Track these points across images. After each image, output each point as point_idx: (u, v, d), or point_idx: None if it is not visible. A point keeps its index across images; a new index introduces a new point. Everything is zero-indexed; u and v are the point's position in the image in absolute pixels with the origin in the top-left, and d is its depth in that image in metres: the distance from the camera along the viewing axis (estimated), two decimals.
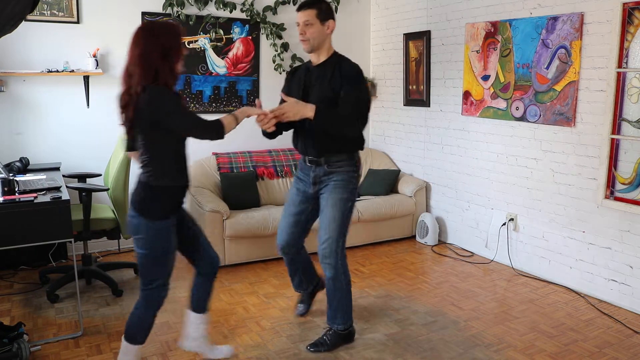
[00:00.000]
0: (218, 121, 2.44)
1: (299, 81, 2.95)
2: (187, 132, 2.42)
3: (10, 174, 3.14)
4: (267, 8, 4.95)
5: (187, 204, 4.52)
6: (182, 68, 2.43)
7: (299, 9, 2.85)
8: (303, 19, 2.81)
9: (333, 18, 2.87)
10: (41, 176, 3.58)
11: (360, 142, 2.96)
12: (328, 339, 2.98)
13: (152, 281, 2.51)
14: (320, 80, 2.86)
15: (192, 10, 4.68)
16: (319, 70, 2.89)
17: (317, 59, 2.90)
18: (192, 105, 4.78)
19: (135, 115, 2.30)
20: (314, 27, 2.79)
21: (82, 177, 3.97)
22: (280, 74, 5.12)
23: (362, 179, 5.21)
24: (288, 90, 2.99)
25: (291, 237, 3.10)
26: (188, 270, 4.16)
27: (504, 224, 4.30)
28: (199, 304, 2.75)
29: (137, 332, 2.55)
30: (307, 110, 2.71)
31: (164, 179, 2.40)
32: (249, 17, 4.90)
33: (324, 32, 2.82)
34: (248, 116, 2.63)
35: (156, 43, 2.29)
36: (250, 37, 4.97)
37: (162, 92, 2.29)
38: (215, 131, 2.43)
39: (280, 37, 5.07)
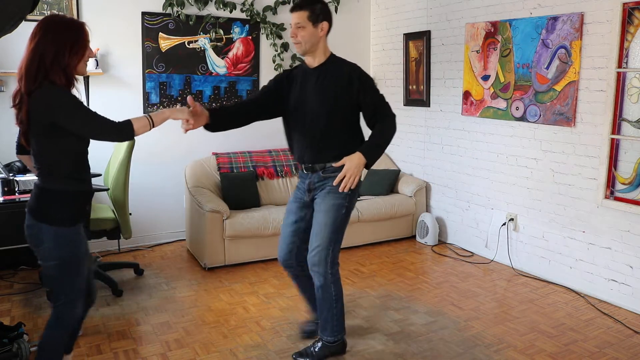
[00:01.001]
0: (128, 122, 2.23)
1: (297, 84, 2.82)
2: (89, 133, 2.20)
3: (10, 174, 3.14)
4: (267, 8, 4.96)
5: (187, 204, 4.53)
6: (85, 69, 2.27)
7: (291, 10, 2.75)
8: (294, 20, 2.70)
9: (328, 19, 2.73)
10: None
11: (358, 145, 2.76)
12: (315, 350, 2.83)
13: (62, 295, 2.26)
14: (323, 83, 2.73)
15: (192, 10, 4.68)
16: (317, 73, 2.76)
17: (312, 61, 2.77)
18: None
19: (29, 117, 2.12)
20: (306, 29, 2.68)
21: None
22: None
23: (362, 178, 5.21)
24: (280, 90, 2.86)
25: (292, 248, 2.89)
26: (188, 270, 4.18)
27: (504, 224, 4.30)
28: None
29: (51, 356, 2.29)
30: (361, 161, 2.66)
31: (62, 183, 2.20)
32: (249, 17, 4.90)
33: (317, 35, 2.70)
34: (170, 118, 2.41)
35: (54, 39, 2.10)
36: (250, 37, 4.97)
37: (57, 93, 2.11)
38: (122, 133, 2.22)
39: (280, 37, 5.07)
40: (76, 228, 2.25)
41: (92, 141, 2.29)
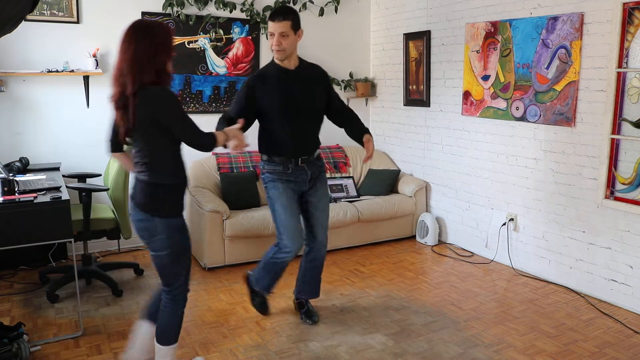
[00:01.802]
0: (212, 135, 2.47)
1: (277, 85, 3.01)
2: (183, 137, 2.39)
3: (10, 174, 3.13)
4: (267, 8, 4.95)
5: (187, 204, 4.53)
6: (172, 68, 2.45)
7: (273, 19, 2.93)
8: (279, 30, 2.91)
9: (301, 27, 3.02)
10: (41, 176, 3.58)
11: None
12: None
13: (176, 280, 2.49)
14: (307, 83, 3.07)
15: (192, 10, 4.68)
16: (299, 74, 3.06)
17: (289, 64, 3.04)
18: (192, 105, 4.78)
19: (135, 116, 2.27)
20: (289, 37, 2.93)
21: (82, 177, 3.97)
22: None
23: (362, 178, 5.23)
24: (254, 95, 3.01)
25: (302, 234, 3.19)
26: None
27: (504, 224, 4.30)
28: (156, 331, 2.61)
29: (170, 333, 2.54)
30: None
31: (169, 177, 2.39)
32: (248, 17, 4.90)
33: (296, 41, 3.00)
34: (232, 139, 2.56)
35: (150, 42, 2.26)
36: (250, 37, 4.97)
37: (164, 93, 2.30)
38: (207, 144, 2.48)
39: None
40: (182, 218, 2.47)
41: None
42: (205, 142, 2.46)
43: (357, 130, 3.23)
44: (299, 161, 3.08)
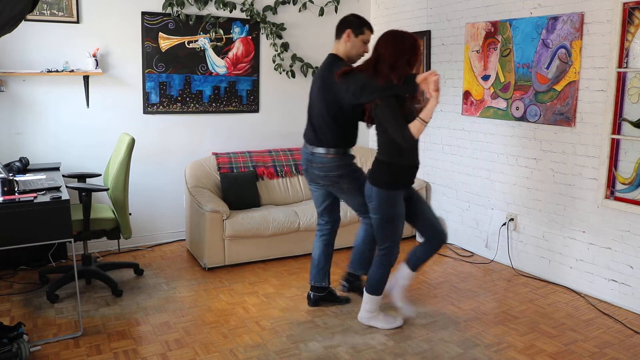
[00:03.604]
0: (409, 130, 2.86)
1: None
2: (391, 126, 2.91)
3: (10, 174, 3.13)
4: (267, 8, 4.95)
5: (187, 204, 4.53)
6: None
7: (371, 29, 3.27)
8: (369, 38, 3.27)
9: None
10: (41, 176, 3.58)
11: None
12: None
13: (384, 242, 3.08)
14: None
15: (192, 10, 4.68)
16: None
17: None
18: (192, 105, 4.78)
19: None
20: None
21: (82, 177, 3.97)
22: (280, 73, 5.12)
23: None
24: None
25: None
26: (188, 270, 4.18)
27: (504, 224, 4.29)
28: (413, 261, 3.19)
29: (377, 286, 3.14)
30: None
31: (386, 157, 2.99)
32: (249, 17, 4.90)
33: None
34: (435, 104, 2.84)
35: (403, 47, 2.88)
36: (250, 37, 4.96)
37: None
38: (408, 139, 2.88)
39: (280, 37, 5.07)
40: (394, 193, 3.00)
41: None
42: (404, 134, 2.89)
43: None
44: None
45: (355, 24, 3.22)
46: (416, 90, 2.86)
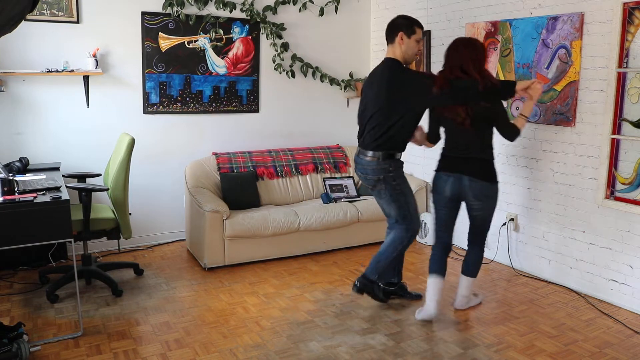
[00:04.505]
0: (517, 128, 3.19)
1: None
2: (500, 124, 3.22)
3: (10, 174, 3.13)
4: (267, 8, 4.95)
5: (187, 204, 4.53)
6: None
7: (421, 27, 3.31)
8: (420, 36, 3.32)
9: None
10: (41, 176, 3.58)
11: None
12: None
13: (488, 230, 3.45)
14: None
15: (192, 10, 4.68)
16: None
17: None
18: (192, 105, 4.77)
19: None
20: None
21: (82, 177, 3.97)
22: (280, 74, 5.12)
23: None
24: None
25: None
26: (188, 270, 4.18)
27: (504, 224, 4.29)
28: (468, 268, 3.45)
29: (477, 268, 3.46)
30: None
31: (489, 155, 3.27)
32: (249, 17, 4.90)
33: None
34: (534, 100, 3.17)
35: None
36: (250, 37, 4.96)
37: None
38: (516, 136, 3.23)
39: (280, 37, 5.07)
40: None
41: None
42: (515, 133, 3.25)
43: None
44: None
45: (406, 26, 3.25)
46: (513, 95, 3.12)
